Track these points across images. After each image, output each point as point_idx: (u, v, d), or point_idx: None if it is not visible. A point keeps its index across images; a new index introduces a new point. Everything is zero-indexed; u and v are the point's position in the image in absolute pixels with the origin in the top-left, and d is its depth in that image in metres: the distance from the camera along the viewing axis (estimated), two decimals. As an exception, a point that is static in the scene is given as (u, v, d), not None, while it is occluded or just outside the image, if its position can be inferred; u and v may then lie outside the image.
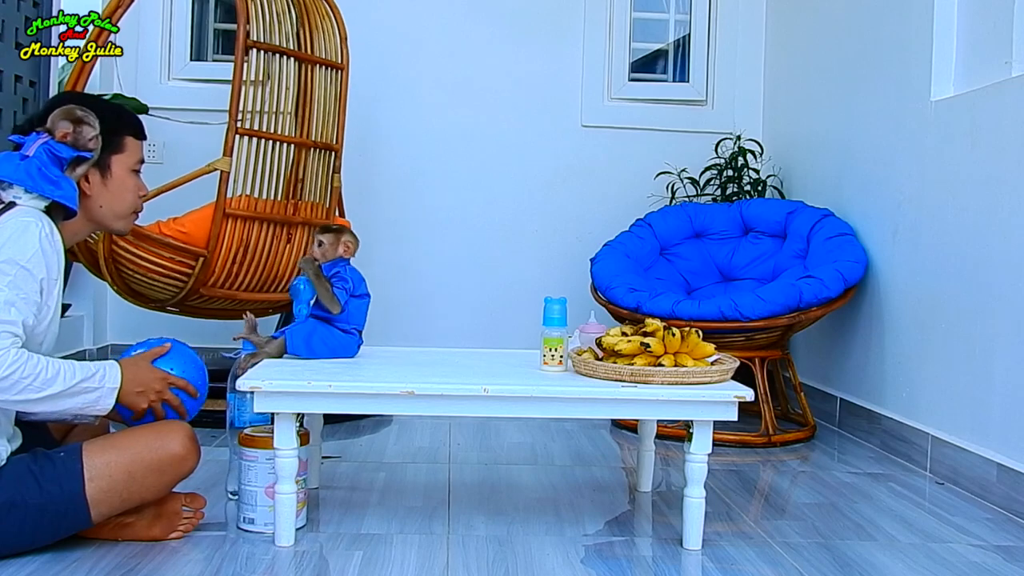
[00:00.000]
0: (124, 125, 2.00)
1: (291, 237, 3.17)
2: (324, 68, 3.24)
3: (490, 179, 4.27)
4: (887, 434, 3.09)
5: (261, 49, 3.01)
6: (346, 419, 3.31)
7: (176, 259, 2.95)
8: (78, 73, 2.87)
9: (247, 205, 3.02)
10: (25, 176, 1.84)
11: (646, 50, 4.57)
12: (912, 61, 3.04)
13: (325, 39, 3.26)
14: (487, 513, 2.27)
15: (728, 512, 2.36)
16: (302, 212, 3.19)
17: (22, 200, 1.85)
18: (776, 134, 4.19)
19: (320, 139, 3.23)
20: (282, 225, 3.13)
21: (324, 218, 3.27)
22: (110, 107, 2.03)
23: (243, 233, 3.02)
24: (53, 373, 1.78)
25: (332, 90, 3.29)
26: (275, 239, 3.12)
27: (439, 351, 2.52)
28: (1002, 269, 2.53)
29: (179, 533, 1.99)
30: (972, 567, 2.01)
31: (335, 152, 3.32)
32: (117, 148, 1.98)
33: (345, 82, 3.33)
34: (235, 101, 2.95)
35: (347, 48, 3.36)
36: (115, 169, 1.98)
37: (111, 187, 1.98)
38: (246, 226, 3.02)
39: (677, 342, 2.05)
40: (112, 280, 3.00)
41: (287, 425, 1.96)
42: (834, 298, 3.17)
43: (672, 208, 3.85)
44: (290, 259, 3.17)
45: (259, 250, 3.07)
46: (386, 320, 4.20)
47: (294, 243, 3.18)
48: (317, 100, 3.21)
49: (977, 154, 2.68)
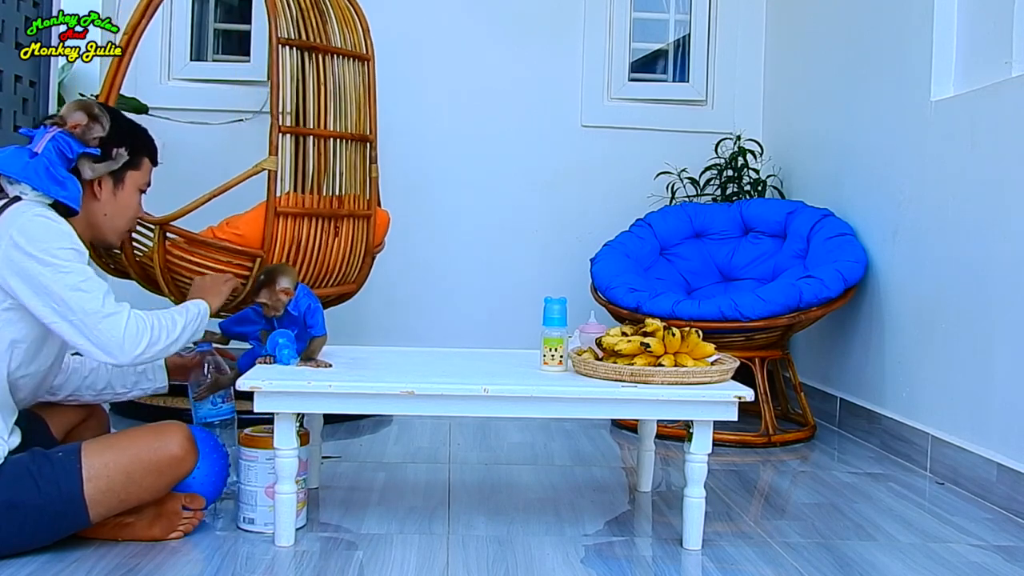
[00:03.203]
0: (146, 147, 2.09)
1: (338, 230, 3.18)
2: (352, 60, 3.25)
3: (490, 179, 4.26)
4: (887, 434, 3.09)
5: (292, 46, 3.02)
6: (346, 419, 3.31)
7: (234, 263, 2.94)
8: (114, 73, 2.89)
9: (295, 202, 3.03)
10: (32, 174, 1.87)
11: (646, 50, 4.57)
12: (912, 61, 3.04)
13: (350, 32, 3.27)
14: (487, 513, 2.27)
15: (728, 512, 2.36)
16: (346, 205, 3.20)
17: (28, 196, 1.88)
18: (776, 134, 4.19)
19: (355, 131, 3.24)
20: (329, 219, 3.13)
21: (366, 208, 3.28)
22: (139, 127, 2.11)
23: (294, 230, 3.03)
24: (171, 322, 1.96)
25: (361, 82, 3.30)
26: (324, 233, 3.12)
27: (439, 351, 2.52)
28: (1002, 269, 2.53)
29: (179, 533, 1.98)
30: (972, 567, 2.01)
31: (370, 142, 3.33)
32: (135, 166, 2.05)
33: (372, 73, 3.34)
34: (275, 99, 2.96)
35: (371, 40, 3.36)
36: (128, 184, 2.04)
37: (120, 200, 2.03)
38: (296, 223, 3.03)
39: (677, 342, 2.05)
40: (169, 291, 2.99)
41: (287, 425, 1.96)
42: (834, 298, 3.17)
43: (672, 208, 3.85)
44: (339, 252, 3.18)
45: (311, 246, 3.08)
46: (386, 320, 4.21)
47: (342, 236, 3.18)
48: (347, 93, 3.22)
49: (977, 154, 2.68)
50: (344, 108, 3.20)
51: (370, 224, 3.31)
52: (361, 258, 3.31)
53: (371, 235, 3.33)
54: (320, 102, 3.10)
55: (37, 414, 2.07)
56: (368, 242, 3.32)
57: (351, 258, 3.25)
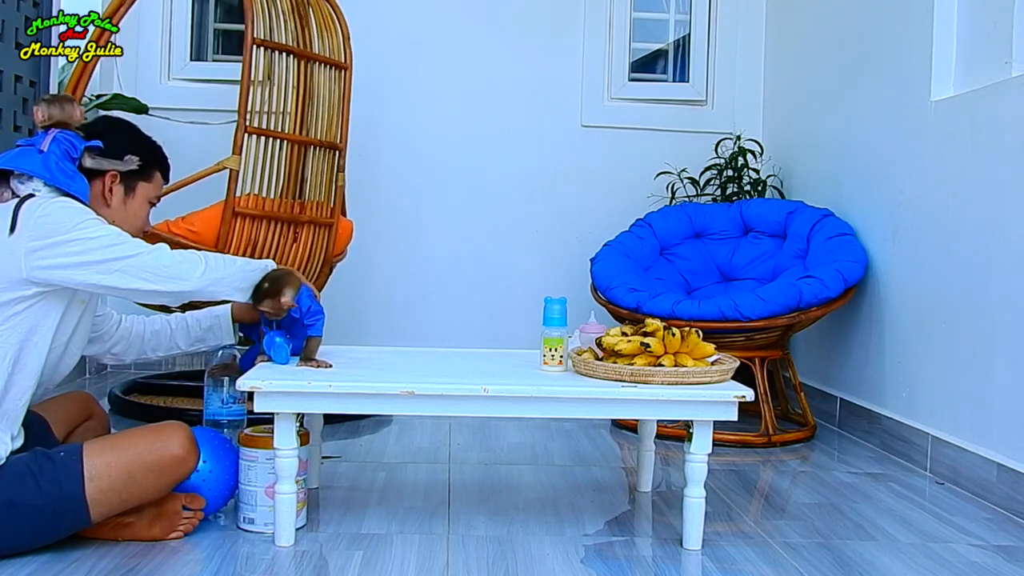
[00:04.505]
0: (158, 161, 2.13)
1: (297, 236, 3.17)
2: (328, 67, 3.24)
3: (490, 179, 4.27)
4: (887, 434, 3.09)
5: (267, 48, 3.01)
6: (346, 419, 3.31)
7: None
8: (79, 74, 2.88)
9: (255, 204, 3.02)
10: (44, 169, 1.90)
11: (646, 50, 4.57)
12: (912, 61, 3.04)
13: (329, 38, 3.27)
14: (487, 513, 2.27)
15: (728, 512, 2.36)
16: (308, 211, 3.19)
17: (41, 193, 1.90)
18: (776, 134, 4.19)
19: (325, 138, 3.23)
20: (289, 224, 3.13)
21: (329, 216, 3.27)
22: (153, 143, 2.15)
23: (251, 232, 3.02)
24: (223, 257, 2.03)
25: (336, 89, 3.29)
26: (282, 238, 3.12)
27: (439, 351, 2.52)
28: (1002, 269, 2.53)
29: (179, 533, 1.98)
30: (972, 567, 2.01)
31: (339, 151, 3.32)
32: (147, 176, 2.09)
33: (349, 81, 3.33)
34: (244, 99, 2.95)
35: (350, 47, 3.36)
36: (139, 194, 2.08)
37: (129, 208, 2.07)
38: (254, 225, 3.03)
39: (677, 342, 2.05)
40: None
41: (287, 425, 1.96)
42: (834, 298, 3.17)
43: (672, 208, 3.85)
44: (296, 258, 3.17)
45: (267, 249, 3.07)
46: (386, 320, 4.21)
47: (300, 242, 3.18)
48: (321, 99, 3.21)
49: (977, 154, 2.68)
50: (316, 114, 3.19)
51: (331, 233, 3.30)
52: (319, 267, 3.29)
53: (331, 244, 3.31)
54: (291, 106, 3.08)
55: (38, 414, 2.08)
56: (328, 251, 3.30)
57: (309, 266, 3.23)
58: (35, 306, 1.85)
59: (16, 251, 1.81)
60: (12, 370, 1.84)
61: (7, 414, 1.85)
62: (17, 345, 1.84)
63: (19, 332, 1.84)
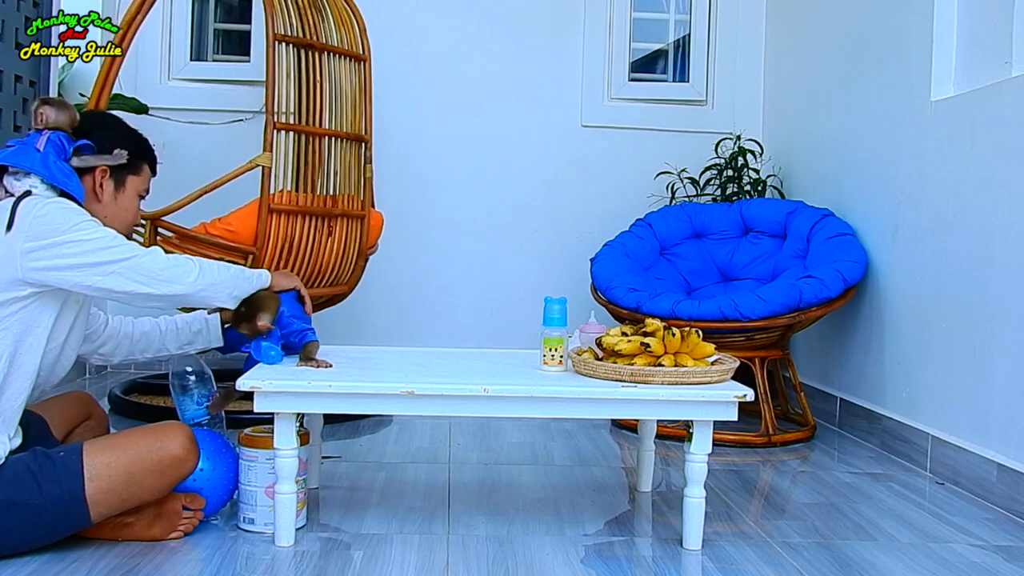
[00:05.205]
0: (146, 155, 2.14)
1: (332, 230, 3.18)
2: (348, 59, 3.25)
3: (490, 179, 4.27)
4: (887, 434, 3.09)
5: (289, 43, 3.02)
6: (346, 419, 3.31)
7: (226, 259, 2.94)
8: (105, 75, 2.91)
9: (289, 200, 3.03)
10: (41, 167, 1.91)
11: (646, 50, 4.57)
12: (912, 61, 3.04)
13: (346, 31, 3.27)
14: (487, 513, 2.27)
15: (728, 512, 2.36)
16: (341, 204, 3.20)
17: (37, 190, 1.91)
18: (776, 134, 4.19)
19: (351, 130, 3.24)
20: (323, 218, 3.14)
21: (360, 209, 3.28)
22: (141, 136, 2.15)
23: (288, 228, 3.03)
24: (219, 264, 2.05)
25: (357, 81, 3.30)
26: (317, 232, 3.13)
27: (439, 351, 2.52)
28: (1002, 269, 2.53)
29: (179, 533, 1.99)
30: (972, 567, 2.01)
31: (365, 143, 3.33)
32: (135, 170, 2.09)
33: (369, 72, 3.34)
34: (271, 96, 2.96)
35: (367, 39, 3.36)
36: (128, 188, 2.08)
37: (120, 202, 2.07)
38: (290, 221, 3.04)
39: (677, 342, 2.05)
40: None
41: (287, 425, 1.96)
42: (834, 298, 3.17)
43: (672, 208, 3.85)
44: (332, 252, 3.18)
45: (304, 244, 3.09)
46: (386, 320, 4.21)
47: (335, 236, 3.19)
48: (343, 92, 3.22)
49: (977, 154, 2.68)
50: (340, 107, 3.21)
51: (363, 225, 3.31)
52: (354, 259, 3.31)
53: (364, 236, 3.32)
54: (316, 100, 3.10)
55: (37, 414, 2.07)
56: (361, 243, 3.32)
57: (344, 259, 3.24)
58: (30, 307, 1.85)
59: (12, 251, 1.82)
60: (7, 371, 1.84)
61: (3, 415, 1.85)
62: (12, 346, 1.84)
63: (14, 332, 1.84)
